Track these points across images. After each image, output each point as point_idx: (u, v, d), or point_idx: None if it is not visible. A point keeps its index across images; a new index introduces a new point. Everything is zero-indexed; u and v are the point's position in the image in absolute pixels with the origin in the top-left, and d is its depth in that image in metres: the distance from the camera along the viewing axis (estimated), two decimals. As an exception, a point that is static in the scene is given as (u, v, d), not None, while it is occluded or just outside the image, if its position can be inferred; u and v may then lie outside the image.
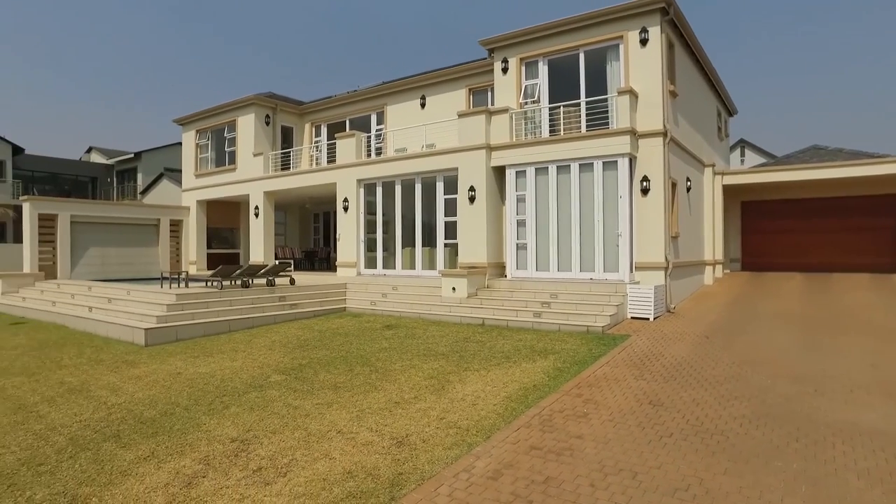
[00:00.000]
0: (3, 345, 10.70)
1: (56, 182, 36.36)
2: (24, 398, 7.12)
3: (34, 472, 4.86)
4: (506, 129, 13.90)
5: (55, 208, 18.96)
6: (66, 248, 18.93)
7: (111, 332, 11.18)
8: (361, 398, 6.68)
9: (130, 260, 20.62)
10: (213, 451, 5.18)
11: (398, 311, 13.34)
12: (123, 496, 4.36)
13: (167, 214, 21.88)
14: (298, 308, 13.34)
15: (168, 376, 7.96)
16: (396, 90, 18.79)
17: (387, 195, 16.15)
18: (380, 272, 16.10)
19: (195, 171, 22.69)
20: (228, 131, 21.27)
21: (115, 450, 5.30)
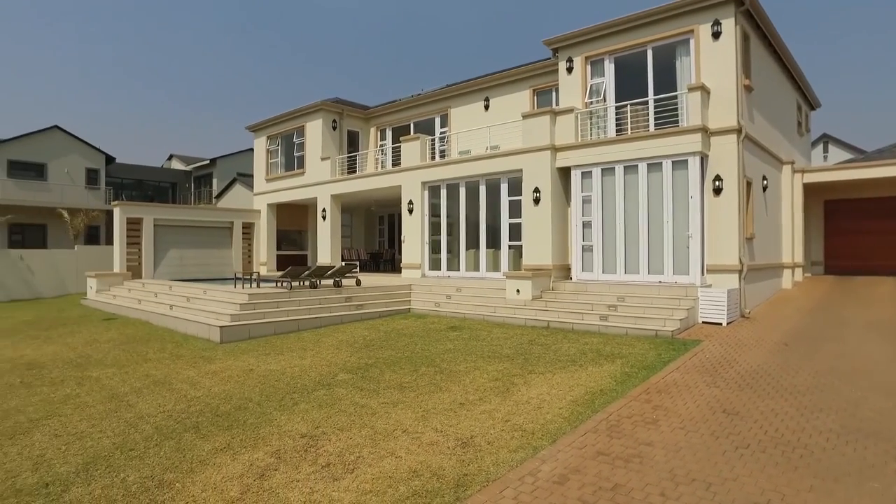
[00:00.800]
0: (98, 338, 11.50)
1: (141, 188, 38.68)
2: (116, 388, 7.64)
3: (127, 457, 5.21)
4: (571, 130, 13.69)
5: (141, 212, 20.22)
6: (149, 249, 20.12)
7: (189, 329, 11.79)
8: (426, 398, 6.75)
9: (206, 261, 21.66)
10: (284, 445, 5.37)
11: (462, 313, 13.39)
12: (203, 484, 4.60)
13: (240, 217, 22.86)
14: (364, 309, 13.63)
15: (241, 372, 8.32)
16: (460, 92, 18.88)
17: (451, 197, 16.25)
18: (444, 274, 16.22)
19: (266, 175, 23.61)
20: (297, 136, 22.02)
21: (194, 440, 5.60)
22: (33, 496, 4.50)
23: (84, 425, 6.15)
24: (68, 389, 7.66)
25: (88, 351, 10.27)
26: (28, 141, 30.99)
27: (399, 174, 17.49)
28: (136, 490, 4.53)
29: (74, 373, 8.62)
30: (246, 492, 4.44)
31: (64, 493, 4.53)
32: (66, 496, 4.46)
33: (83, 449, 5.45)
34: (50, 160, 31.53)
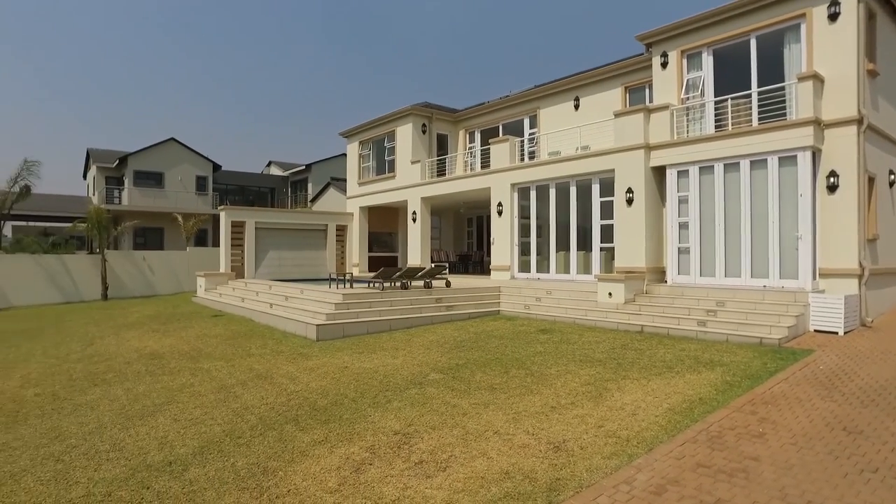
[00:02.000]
0: (208, 333, 12.40)
1: (243, 193, 41.27)
2: (224, 380, 8.20)
3: (235, 443, 5.59)
4: (666, 127, 13.15)
5: (244, 216, 21.57)
6: (251, 250, 21.42)
7: (288, 326, 12.42)
8: (517, 400, 6.73)
9: (302, 262, 22.72)
10: (378, 441, 5.54)
11: (552, 316, 13.21)
12: (303, 474, 4.84)
13: (334, 220, 23.82)
14: (454, 310, 13.78)
15: (337, 369, 8.67)
16: (549, 93, 18.65)
17: (541, 199, 16.09)
18: (533, 276, 16.08)
19: (358, 179, 24.46)
20: (388, 141, 22.64)
21: (294, 432, 5.90)
22: (160, 472, 4.94)
23: (198, 412, 6.66)
24: (184, 379, 8.32)
25: (200, 345, 11.10)
26: (149, 153, 34.01)
27: (488, 176, 17.54)
28: (244, 475, 4.84)
29: (189, 364, 9.35)
30: (343, 484, 4.62)
31: (184, 472, 4.93)
32: (186, 475, 4.86)
33: (198, 434, 5.90)
34: (167, 169, 34.42)
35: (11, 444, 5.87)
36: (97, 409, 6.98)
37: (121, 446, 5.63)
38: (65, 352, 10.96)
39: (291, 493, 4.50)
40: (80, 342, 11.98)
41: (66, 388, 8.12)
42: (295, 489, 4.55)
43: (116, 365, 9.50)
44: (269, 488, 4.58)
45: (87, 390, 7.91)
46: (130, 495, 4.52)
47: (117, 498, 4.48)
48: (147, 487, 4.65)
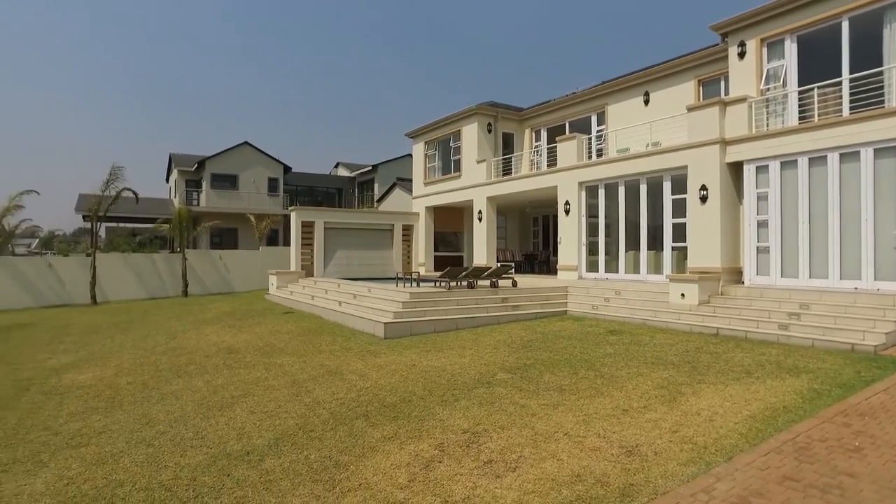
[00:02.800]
0: (280, 329, 12.85)
1: (311, 194, 42.53)
2: (296, 375, 8.47)
3: (308, 437, 5.75)
4: (743, 121, 12.52)
5: (313, 216, 22.22)
6: (320, 250, 22.04)
7: (356, 324, 12.68)
8: (587, 402, 6.59)
9: (370, 261, 23.17)
10: (447, 439, 5.55)
11: (621, 317, 12.87)
12: (374, 469, 4.92)
13: (400, 220, 24.15)
14: (520, 310, 13.67)
15: (405, 367, 8.77)
16: (617, 88, 18.18)
17: (609, 197, 15.70)
18: (601, 276, 15.72)
19: (424, 179, 24.69)
20: (453, 141, 22.73)
21: (365, 427, 6.00)
22: (238, 461, 5.15)
23: (272, 406, 6.90)
24: (258, 373, 8.65)
25: (273, 340, 11.51)
26: (225, 156, 35.65)
27: (554, 175, 17.29)
28: (317, 468, 4.97)
29: (262, 359, 9.72)
30: (412, 480, 4.66)
31: (261, 462, 5.12)
32: (263, 465, 5.04)
33: (273, 426, 6.11)
34: (241, 172, 35.96)
35: (110, 427, 6.30)
36: (181, 398, 7.37)
37: (203, 435, 5.91)
38: (151, 344, 11.64)
39: (362, 486, 4.58)
40: (165, 336, 12.69)
41: (153, 378, 8.62)
42: (366, 483, 4.63)
43: (197, 358, 10.00)
44: (340, 481, 4.68)
45: (172, 381, 8.37)
46: (213, 481, 4.74)
47: (201, 483, 4.71)
48: (227, 475, 4.85)
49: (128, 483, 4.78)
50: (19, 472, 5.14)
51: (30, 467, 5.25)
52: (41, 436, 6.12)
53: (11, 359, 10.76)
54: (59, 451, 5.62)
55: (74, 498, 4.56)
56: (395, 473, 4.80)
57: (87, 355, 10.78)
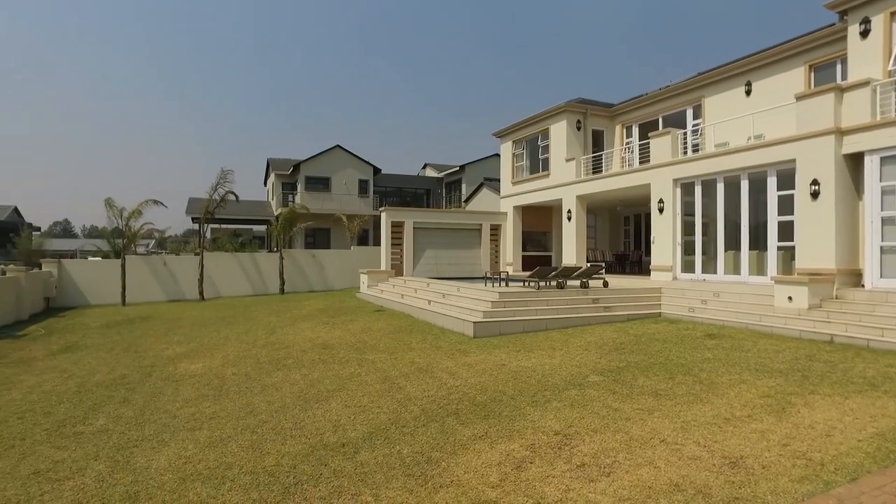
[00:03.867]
0: (371, 327, 13.23)
1: (400, 195, 43.50)
2: (388, 371, 8.68)
3: (400, 432, 5.88)
4: (864, 107, 11.46)
5: (402, 217, 22.71)
6: (409, 249, 22.48)
7: (446, 323, 12.81)
8: (685, 409, 6.28)
9: (458, 260, 23.35)
10: (538, 440, 5.48)
11: (720, 320, 12.17)
12: (465, 466, 4.94)
13: (488, 220, 24.16)
14: (611, 311, 13.27)
15: (494, 367, 8.75)
16: (715, 79, 17.21)
17: (706, 194, 14.90)
18: (698, 277, 14.95)
19: (511, 178, 24.55)
20: (542, 139, 22.44)
21: (455, 425, 6.05)
22: (335, 452, 5.36)
23: (365, 400, 7.11)
24: (352, 369, 8.95)
25: (364, 337, 11.86)
26: (318, 160, 37.22)
27: (647, 172, 16.65)
28: (409, 462, 5.07)
29: (355, 355, 10.04)
30: (504, 480, 4.64)
31: (355, 454, 5.29)
32: (357, 457, 5.21)
33: (366, 420, 6.30)
34: (333, 174, 37.42)
35: (219, 413, 6.76)
36: (280, 390, 7.77)
37: (301, 425, 6.19)
38: (252, 338, 12.35)
39: (454, 483, 4.61)
40: (264, 330, 13.43)
41: (255, 369, 9.15)
42: (457, 480, 4.67)
43: (294, 352, 10.50)
44: (432, 477, 4.75)
45: (272, 373, 8.84)
46: (311, 470, 4.95)
47: (301, 471, 4.93)
48: (325, 465, 5.06)
49: (236, 466, 5.10)
50: (147, 448, 5.64)
51: (154, 445, 5.75)
52: (162, 418, 6.67)
53: (137, 348, 11.81)
54: (178, 432, 6.10)
55: (191, 475, 4.93)
56: (486, 472, 4.80)
57: (197, 347, 11.61)
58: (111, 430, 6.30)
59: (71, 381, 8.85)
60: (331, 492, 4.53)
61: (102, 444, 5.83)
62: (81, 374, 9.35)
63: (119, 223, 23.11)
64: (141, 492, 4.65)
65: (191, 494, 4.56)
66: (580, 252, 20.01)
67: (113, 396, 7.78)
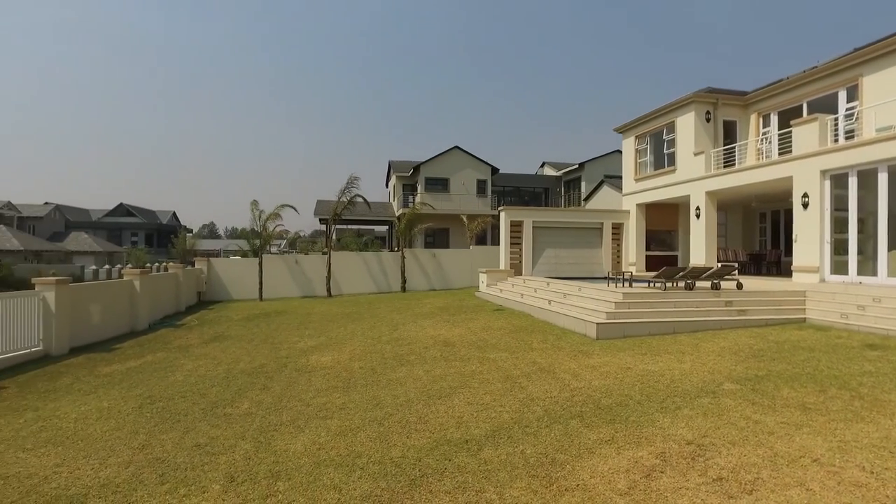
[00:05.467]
0: (491, 326, 13.27)
1: (518, 194, 43.33)
2: (509, 370, 8.65)
3: (523, 432, 5.83)
4: None
5: (521, 216, 22.57)
6: (528, 249, 22.28)
7: (566, 323, 12.53)
8: (842, 427, 5.63)
9: (578, 260, 22.77)
10: (669, 449, 5.19)
11: (883, 329, 10.79)
12: (591, 470, 4.80)
13: (609, 218, 23.33)
14: (747, 315, 12.27)
15: (619, 370, 8.42)
16: (877, 54, 15.26)
17: (863, 186, 13.29)
18: (852, 279, 13.38)
19: (634, 175, 23.52)
20: (667, 133, 21.28)
21: (579, 428, 5.89)
22: (458, 448, 5.43)
23: (488, 398, 7.13)
24: (473, 367, 9.02)
25: (485, 336, 11.92)
26: (437, 161, 38.07)
27: (789, 164, 15.18)
28: (533, 463, 5.01)
29: (477, 353, 10.11)
30: (633, 488, 4.45)
31: (479, 451, 5.32)
32: (481, 454, 5.23)
33: (489, 418, 6.32)
34: (451, 175, 38.08)
35: (348, 405, 7.11)
36: (405, 385, 8.01)
37: (425, 420, 6.34)
38: (377, 334, 12.87)
39: (580, 487, 4.49)
40: (388, 327, 13.94)
41: (380, 364, 9.52)
42: (583, 485, 4.54)
43: (417, 349, 10.78)
44: (557, 479, 4.65)
45: (396, 368, 9.14)
46: (436, 464, 5.05)
47: (426, 464, 5.05)
48: (448, 460, 5.13)
49: (364, 455, 5.33)
50: (284, 433, 6.07)
51: (291, 430, 6.17)
52: (297, 406, 7.14)
53: (273, 340, 12.77)
54: (311, 420, 6.50)
55: (325, 461, 5.23)
56: (613, 478, 4.63)
57: (326, 340, 12.32)
58: (254, 413, 6.85)
59: (220, 368, 9.76)
60: (455, 487, 4.58)
61: (248, 425, 6.36)
62: (228, 362, 10.27)
63: (257, 225, 25.19)
64: (282, 472, 5.00)
65: (325, 478, 4.83)
66: (710, 251, 18.71)
67: (254, 383, 8.46)
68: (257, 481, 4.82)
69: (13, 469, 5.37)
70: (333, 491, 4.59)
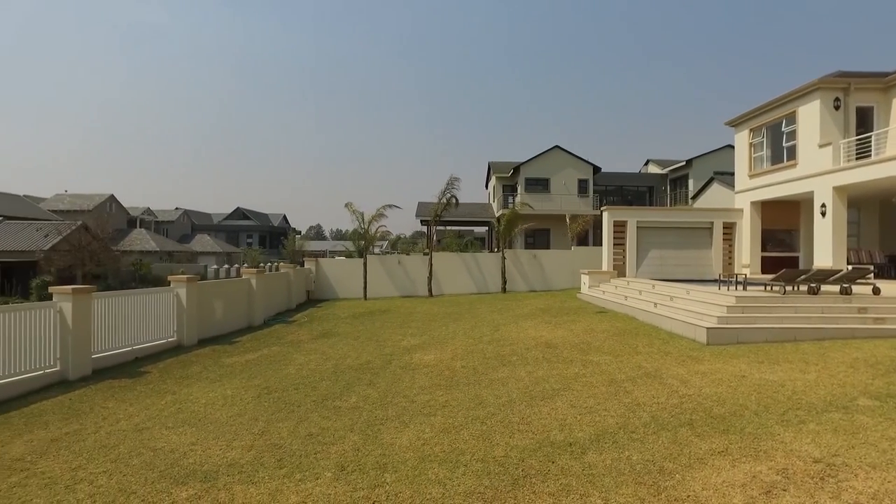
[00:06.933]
0: (594, 328, 12.95)
1: (620, 193, 41.92)
2: (613, 374, 8.42)
3: (629, 437, 5.67)
4: None
5: (625, 216, 21.83)
6: (632, 249, 21.50)
7: (674, 327, 11.97)
8: None
9: (685, 262, 21.65)
10: (792, 466, 4.83)
11: None
12: (703, 482, 4.57)
13: (720, 217, 21.99)
14: (885, 324, 11.07)
15: (732, 377, 7.93)
16: None
17: None
18: None
19: (748, 171, 21.98)
20: (786, 124, 19.69)
21: (690, 436, 5.62)
22: (561, 450, 5.37)
23: (591, 402, 6.98)
24: (576, 369, 8.86)
25: (587, 338, 11.65)
26: (537, 161, 37.71)
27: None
28: (640, 470, 4.84)
29: (579, 355, 9.92)
30: None
31: (582, 454, 5.23)
32: (584, 458, 5.14)
33: (593, 422, 6.18)
34: (552, 175, 37.55)
35: (451, 403, 7.24)
36: (507, 385, 8.02)
37: (528, 421, 6.32)
38: (478, 334, 12.97)
39: (691, 499, 4.30)
40: (489, 327, 14.00)
41: (482, 364, 9.59)
42: (694, 496, 4.34)
43: (518, 350, 10.75)
44: (666, 489, 4.48)
45: (498, 369, 9.17)
46: (539, 465, 5.02)
47: (529, 465, 5.04)
48: (552, 462, 5.09)
49: (468, 452, 5.40)
50: (390, 428, 6.30)
51: (397, 425, 6.39)
52: (402, 402, 7.37)
53: (378, 337, 13.25)
54: (416, 416, 6.69)
55: (429, 456, 5.36)
56: (728, 492, 4.38)
57: (428, 339, 12.59)
58: (361, 407, 7.15)
59: (328, 363, 10.28)
60: (559, 489, 4.54)
61: (356, 419, 6.66)
62: (336, 358, 10.79)
63: (361, 226, 26.23)
64: (388, 464, 5.20)
65: (429, 473, 4.96)
66: (838, 252, 17.08)
67: (361, 379, 8.83)
68: (365, 472, 5.04)
69: (160, 443, 6.03)
70: (438, 486, 4.70)
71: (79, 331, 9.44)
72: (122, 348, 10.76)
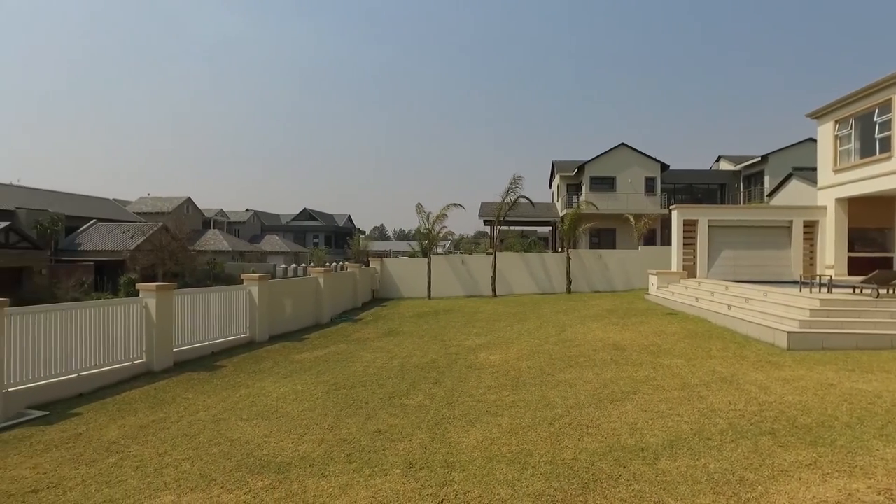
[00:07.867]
0: (664, 330, 12.53)
1: (690, 191, 40.34)
2: (686, 378, 8.11)
3: (705, 445, 5.45)
4: None
5: (695, 214, 20.98)
6: (703, 249, 20.63)
7: (750, 330, 11.42)
8: None
9: (761, 262, 20.58)
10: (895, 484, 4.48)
11: None
12: (789, 496, 4.32)
13: (800, 215, 20.75)
14: None
15: (818, 385, 7.47)
16: None
17: None
18: None
19: (833, 166, 20.63)
20: (879, 114, 18.33)
21: (772, 446, 5.33)
22: (633, 455, 5.22)
23: (663, 406, 6.75)
24: (646, 372, 8.59)
25: (657, 341, 11.29)
26: (602, 159, 36.90)
27: None
28: (717, 479, 4.64)
29: (649, 358, 9.62)
30: (845, 520, 3.92)
31: (655, 461, 5.06)
32: (657, 464, 4.97)
33: (665, 427, 5.98)
34: (618, 173, 36.66)
35: (517, 403, 7.19)
36: (574, 387, 7.87)
37: (597, 424, 6.18)
38: (544, 335, 12.81)
39: (776, 512, 4.07)
40: (555, 328, 13.80)
41: (548, 365, 9.46)
42: (780, 509, 4.10)
43: (585, 351, 10.54)
44: (747, 501, 4.27)
45: (564, 370, 9.02)
46: (609, 469, 4.90)
47: (599, 469, 4.92)
48: (623, 466, 4.95)
49: (536, 454, 5.34)
50: (457, 426, 6.32)
51: (464, 424, 6.40)
52: (468, 401, 7.38)
53: (442, 337, 13.32)
54: (482, 416, 6.68)
55: (497, 456, 5.34)
56: (817, 508, 4.12)
57: (493, 339, 12.54)
58: (428, 406, 7.20)
59: (394, 361, 10.42)
60: (631, 495, 4.41)
61: (422, 417, 6.71)
62: (402, 356, 10.93)
63: (425, 226, 26.44)
64: (456, 463, 5.20)
65: (497, 473, 4.93)
66: (939, 253, 15.78)
67: (427, 377, 8.89)
68: (433, 469, 5.07)
69: (236, 434, 6.30)
70: (506, 486, 4.67)
71: (162, 325, 10.01)
72: (200, 343, 11.32)
